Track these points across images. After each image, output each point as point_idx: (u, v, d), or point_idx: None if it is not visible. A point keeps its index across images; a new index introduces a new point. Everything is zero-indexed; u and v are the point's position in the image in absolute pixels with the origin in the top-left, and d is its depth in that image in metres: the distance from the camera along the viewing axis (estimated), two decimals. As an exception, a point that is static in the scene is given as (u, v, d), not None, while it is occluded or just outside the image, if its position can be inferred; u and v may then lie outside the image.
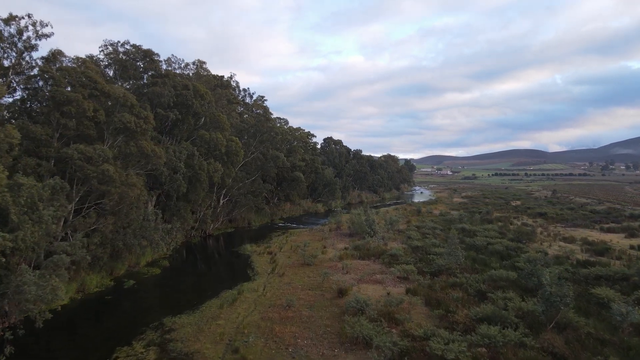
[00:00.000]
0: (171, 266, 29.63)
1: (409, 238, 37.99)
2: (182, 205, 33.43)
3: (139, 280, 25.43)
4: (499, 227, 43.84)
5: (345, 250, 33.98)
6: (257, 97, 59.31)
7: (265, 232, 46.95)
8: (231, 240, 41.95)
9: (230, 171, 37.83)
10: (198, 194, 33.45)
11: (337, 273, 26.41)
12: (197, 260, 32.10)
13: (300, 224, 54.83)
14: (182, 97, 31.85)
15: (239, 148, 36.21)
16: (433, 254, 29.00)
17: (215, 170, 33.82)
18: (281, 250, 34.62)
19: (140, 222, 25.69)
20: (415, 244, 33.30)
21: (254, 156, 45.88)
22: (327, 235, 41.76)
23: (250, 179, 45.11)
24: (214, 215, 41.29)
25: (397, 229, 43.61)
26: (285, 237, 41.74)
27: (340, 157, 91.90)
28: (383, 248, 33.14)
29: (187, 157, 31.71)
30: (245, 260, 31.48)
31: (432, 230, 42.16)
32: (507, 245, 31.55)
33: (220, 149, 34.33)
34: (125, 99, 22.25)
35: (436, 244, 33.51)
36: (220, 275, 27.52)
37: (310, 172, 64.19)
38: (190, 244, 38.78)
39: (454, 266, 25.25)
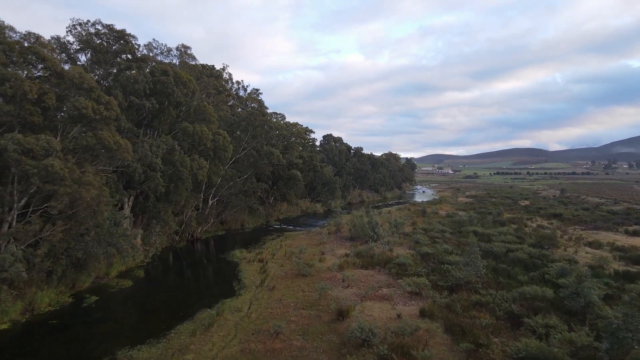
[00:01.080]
0: (146, 277, 25.85)
1: (416, 243, 34.20)
2: (162, 207, 29.64)
3: (104, 296, 21.64)
4: (514, 230, 40.03)
5: (346, 257, 30.21)
6: (251, 90, 55.56)
7: (259, 235, 43.18)
8: (221, 245, 38.17)
9: (218, 168, 34.04)
10: (180, 194, 29.65)
11: (336, 286, 22.65)
12: (178, 269, 28.31)
13: (297, 225, 51.03)
14: (160, 84, 28.03)
15: (227, 143, 32.44)
16: (447, 264, 25.22)
17: (200, 167, 30.01)
18: (274, 257, 30.84)
19: (107, 228, 21.89)
20: (424, 250, 29.52)
21: (247, 152, 42.07)
22: (326, 239, 37.99)
23: (242, 177, 41.30)
24: (201, 217, 37.50)
25: (402, 232, 39.82)
26: (280, 241, 37.96)
27: (341, 155, 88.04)
28: (389, 255, 29.36)
29: (166, 152, 27.90)
30: (232, 270, 27.71)
31: (441, 233, 38.36)
32: (530, 253, 27.76)
33: (206, 143, 30.51)
34: (81, 80, 18.46)
35: (448, 251, 29.74)
36: (200, 289, 23.72)
37: (308, 170, 60.39)
38: (174, 249, 35.01)
39: (473, 279, 21.46)
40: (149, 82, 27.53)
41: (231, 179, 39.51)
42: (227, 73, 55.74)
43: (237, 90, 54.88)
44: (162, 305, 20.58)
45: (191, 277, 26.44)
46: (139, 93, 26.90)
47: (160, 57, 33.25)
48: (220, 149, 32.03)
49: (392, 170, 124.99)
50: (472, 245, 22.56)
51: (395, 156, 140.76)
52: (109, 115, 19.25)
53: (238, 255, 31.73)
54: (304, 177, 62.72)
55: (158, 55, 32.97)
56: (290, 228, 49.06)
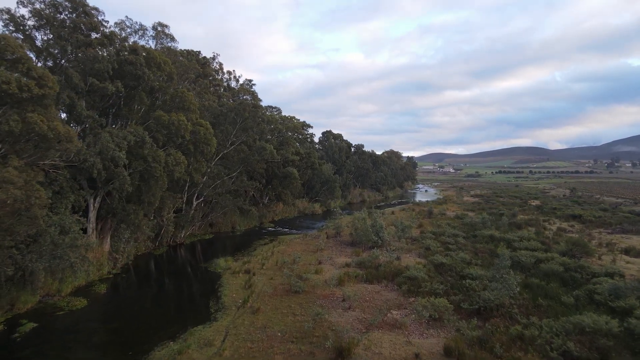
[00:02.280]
0: (108, 294, 21.60)
1: (427, 250, 29.96)
2: (132, 210, 25.36)
3: (45, 322, 17.38)
4: (535, 233, 35.73)
5: (347, 267, 25.99)
6: (244, 81, 51.25)
7: (250, 239, 38.94)
8: (206, 251, 33.93)
9: (201, 165, 29.79)
10: (154, 193, 25.38)
11: (335, 308, 18.43)
12: (148, 283, 24.06)
13: (293, 228, 46.78)
14: (128, 64, 23.73)
15: (210, 135, 28.15)
16: (468, 278, 20.97)
17: (177, 162, 25.72)
18: (263, 267, 26.59)
19: (50, 237, 17.61)
20: (438, 260, 25.26)
21: (236, 148, 37.82)
22: (324, 244, 33.73)
23: (230, 175, 37.01)
24: (184, 220, 33.22)
25: (409, 237, 35.56)
26: (272, 247, 33.70)
27: (341, 152, 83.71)
28: (396, 265, 25.12)
29: (134, 145, 23.60)
30: (212, 284, 23.47)
31: (454, 238, 34.09)
32: (564, 263, 23.51)
33: (184, 135, 26.22)
34: (4, 46, 14.24)
35: (466, 260, 25.49)
36: (168, 311, 19.45)
37: (305, 168, 56.12)
38: (152, 256, 30.77)
39: (507, 301, 17.21)
40: (114, 61, 23.25)
41: (218, 176, 35.24)
42: (217, 62, 51.47)
43: (228, 80, 50.60)
44: (113, 336, 16.30)
45: (161, 294, 22.16)
46: (100, 74, 22.61)
47: (134, 37, 29.09)
48: (201, 142, 27.75)
49: (393, 169, 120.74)
50: (502, 258, 18.29)
51: (397, 154, 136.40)
52: (43, 94, 15.00)
53: (222, 264, 27.49)
54: (302, 175, 58.43)
55: (132, 36, 28.83)
56: (285, 231, 44.83)
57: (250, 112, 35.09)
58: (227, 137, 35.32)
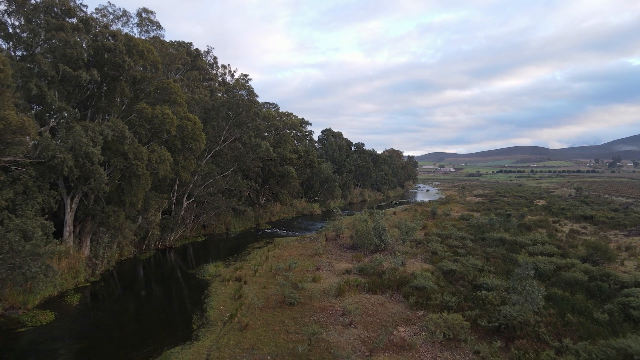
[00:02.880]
0: (80, 305, 19.39)
1: (434, 254, 27.76)
2: (112, 211, 23.14)
3: (3, 340, 15.19)
4: (548, 236, 33.49)
5: (347, 274, 23.79)
6: (239, 76, 49.00)
7: (244, 242, 36.77)
8: (197, 255, 31.75)
9: (189, 162, 27.53)
10: (136, 193, 23.14)
11: (334, 324, 16.22)
12: (127, 293, 21.84)
13: (291, 229, 44.58)
14: (107, 51, 21.49)
15: (199, 130, 25.90)
16: (483, 288, 18.77)
17: (161, 159, 23.46)
18: (256, 273, 24.38)
19: (9, 243, 15.40)
20: (447, 267, 23.02)
21: (229, 145, 35.57)
22: (322, 248, 31.53)
23: (223, 173, 34.76)
24: (172, 222, 31.00)
25: (414, 239, 33.34)
26: (267, 251, 31.49)
27: (341, 150, 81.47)
28: (402, 273, 22.90)
29: (113, 140, 21.36)
30: (199, 293, 21.28)
31: (461, 241, 31.88)
32: (587, 271, 21.30)
33: (170, 130, 23.98)
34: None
35: (478, 267, 23.26)
36: (145, 327, 17.24)
37: (304, 167, 53.87)
38: (137, 261, 28.58)
39: (531, 317, 14.98)
40: (89, 47, 21.03)
41: (210, 175, 32.99)
42: (211, 56, 49.24)
43: (222, 75, 48.34)
44: (75, 358, 14.07)
45: (140, 307, 19.93)
46: (74, 62, 20.38)
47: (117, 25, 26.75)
48: (189, 138, 25.52)
49: (394, 168, 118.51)
50: (524, 267, 16.06)
51: (398, 153, 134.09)
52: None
53: (212, 271, 25.27)
54: (300, 174, 56.21)
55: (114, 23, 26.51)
56: (282, 233, 42.64)
57: (244, 106, 32.85)
58: (220, 133, 33.06)
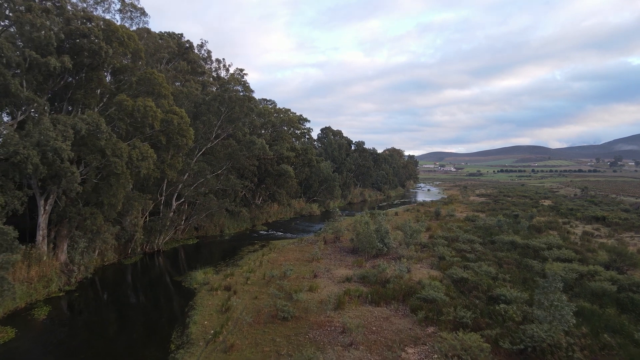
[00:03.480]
0: (48, 320, 17.28)
1: (441, 259, 25.67)
2: (89, 214, 21.02)
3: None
4: (561, 239, 31.37)
5: (347, 282, 21.70)
6: (235, 70, 46.83)
7: (238, 245, 34.68)
8: (187, 259, 29.70)
9: (176, 160, 25.40)
10: (115, 194, 21.02)
11: (332, 344, 14.14)
12: (102, 305, 19.74)
13: (288, 231, 42.48)
14: (81, 36, 19.39)
15: (186, 125, 23.77)
16: (501, 300, 16.68)
17: (144, 157, 21.34)
18: (248, 281, 22.27)
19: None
20: (457, 274, 20.92)
21: (223, 142, 33.41)
22: (321, 252, 29.43)
23: (215, 172, 32.62)
24: (160, 225, 28.89)
25: (418, 242, 31.23)
26: (262, 255, 29.38)
27: (340, 149, 79.32)
28: (407, 281, 20.81)
29: (88, 134, 19.24)
30: (182, 305, 19.19)
31: (470, 244, 29.78)
32: (613, 279, 19.20)
33: (153, 124, 21.86)
34: None
35: (491, 274, 21.15)
36: (115, 345, 15.13)
37: (302, 166, 51.76)
38: (121, 266, 26.50)
39: (562, 338, 12.88)
40: (62, 31, 18.92)
41: (200, 174, 30.85)
42: (205, 50, 47.10)
43: (217, 70, 46.19)
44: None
45: (114, 321, 17.81)
46: (43, 47, 18.28)
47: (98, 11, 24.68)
48: (175, 134, 23.39)
49: (395, 167, 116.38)
50: (551, 279, 13.95)
51: (399, 152, 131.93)
52: None
53: (200, 278, 23.17)
54: (298, 173, 54.11)
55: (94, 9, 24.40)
56: (278, 235, 40.53)
57: (237, 101, 30.68)
58: (211, 129, 30.91)
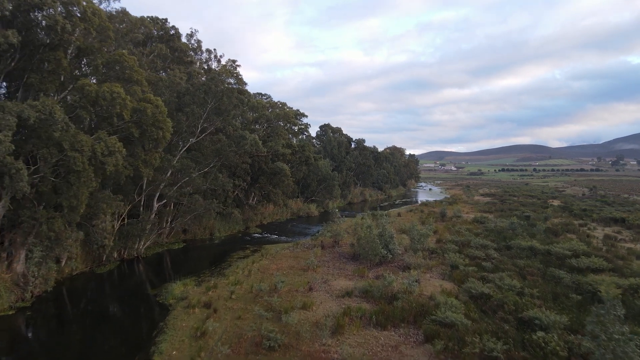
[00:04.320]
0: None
1: (453, 268, 22.63)
2: (45, 218, 17.96)
3: None
4: (584, 243, 28.32)
5: (348, 297, 18.68)
6: (227, 62, 43.74)
7: (228, 250, 31.67)
8: (168, 267, 26.72)
9: (152, 157, 22.31)
10: (76, 195, 17.97)
11: (329, 386, 11.10)
12: (55, 327, 16.71)
13: (283, 234, 39.43)
14: (31, 6, 16.35)
15: (163, 115, 20.69)
16: (535, 325, 13.64)
17: (110, 151, 18.27)
18: (232, 295, 19.24)
19: None
20: (476, 289, 17.87)
21: (210, 137, 30.33)
22: (318, 258, 26.38)
23: (202, 170, 29.53)
24: (139, 229, 25.84)
25: (427, 248, 28.21)
26: (252, 262, 26.33)
27: (340, 147, 76.24)
28: (418, 298, 17.77)
29: (39, 124, 16.18)
30: (151, 327, 16.15)
31: (484, 250, 26.75)
32: (663, 296, 16.18)
33: (122, 114, 18.81)
34: None
35: (516, 289, 18.09)
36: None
37: (299, 164, 48.72)
38: (92, 276, 23.47)
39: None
40: (10, 1, 15.90)
41: (184, 172, 27.78)
42: (195, 40, 44.00)
43: (207, 60, 43.11)
44: None
45: (64, 349, 14.73)
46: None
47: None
48: (149, 125, 20.33)
49: (396, 166, 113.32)
50: (609, 305, 10.94)
51: (400, 150, 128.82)
52: None
53: (177, 292, 20.14)
54: (295, 171, 51.06)
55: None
56: (273, 238, 37.49)
57: (225, 90, 27.56)
58: (196, 122, 27.80)
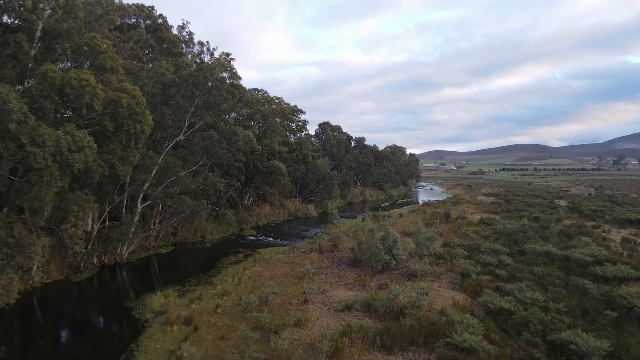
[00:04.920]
0: None
1: (464, 276, 20.44)
2: (1, 222, 15.74)
3: None
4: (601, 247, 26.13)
5: (348, 311, 16.50)
6: (220, 55, 41.49)
7: (219, 254, 29.53)
8: (153, 273, 24.58)
9: (130, 153, 20.08)
10: (38, 195, 15.75)
11: None
12: (8, 350, 14.48)
13: (280, 236, 37.25)
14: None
15: (141, 107, 18.45)
16: (572, 353, 11.45)
17: (78, 147, 16.08)
18: (217, 309, 17.06)
19: None
20: (494, 303, 15.68)
21: (201, 134, 28.07)
22: (315, 265, 24.20)
23: (190, 168, 27.29)
24: (121, 232, 23.64)
25: (433, 253, 26.04)
26: (243, 269, 24.14)
27: (340, 145, 74.01)
28: (428, 313, 15.57)
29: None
30: (120, 349, 13.96)
31: (495, 255, 24.56)
32: None
33: (93, 104, 16.61)
34: None
35: (538, 302, 15.90)
36: None
37: (297, 162, 46.50)
38: (66, 285, 21.30)
39: None
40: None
41: (170, 171, 25.56)
42: (187, 32, 41.78)
43: (199, 53, 40.88)
44: None
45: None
46: None
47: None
48: (125, 118, 18.10)
49: (397, 165, 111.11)
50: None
51: (400, 149, 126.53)
52: None
53: (156, 304, 17.96)
54: (293, 170, 48.85)
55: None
56: (268, 241, 35.31)
57: (215, 81, 25.33)
58: (183, 117, 25.55)
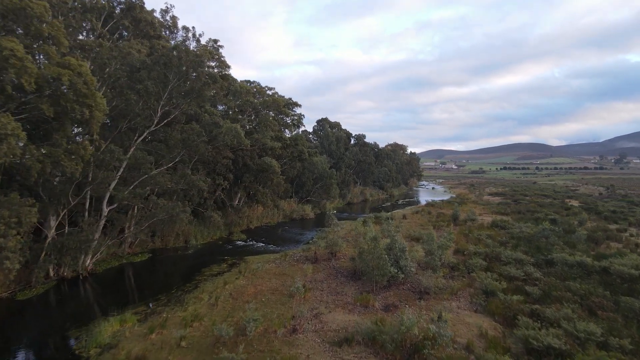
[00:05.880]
0: None
1: (487, 295, 16.86)
2: None
3: None
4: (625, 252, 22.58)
5: (347, 345, 12.92)
6: (207, 41, 37.81)
7: (201, 263, 25.92)
8: (119, 287, 20.99)
9: (78, 146, 16.40)
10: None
11: None
12: None
13: (272, 241, 33.60)
14: None
15: (89, 86, 14.80)
16: None
17: (1, 137, 12.43)
18: (182, 342, 13.42)
19: None
20: (537, 338, 12.10)
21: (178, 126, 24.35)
22: (308, 279, 20.57)
23: (165, 165, 23.64)
24: (79, 240, 20.00)
25: (446, 263, 22.46)
26: (223, 284, 20.50)
27: (339, 142, 70.37)
28: (452, 351, 11.98)
29: None
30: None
31: (521, 266, 20.97)
32: None
33: (22, 82, 12.97)
34: None
35: (594, 335, 12.32)
36: None
37: (292, 159, 42.87)
38: (9, 304, 17.71)
39: None
40: None
41: (140, 169, 21.88)
42: (170, 16, 38.08)
43: (184, 40, 37.21)
44: None
45: None
46: None
47: None
48: (69, 101, 14.46)
49: (398, 164, 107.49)
50: None
51: (401, 147, 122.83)
52: None
53: (108, 333, 14.34)
54: (288, 168, 45.24)
55: None
56: (258, 247, 31.67)
57: (192, 63, 21.56)
58: (154, 104, 21.79)
